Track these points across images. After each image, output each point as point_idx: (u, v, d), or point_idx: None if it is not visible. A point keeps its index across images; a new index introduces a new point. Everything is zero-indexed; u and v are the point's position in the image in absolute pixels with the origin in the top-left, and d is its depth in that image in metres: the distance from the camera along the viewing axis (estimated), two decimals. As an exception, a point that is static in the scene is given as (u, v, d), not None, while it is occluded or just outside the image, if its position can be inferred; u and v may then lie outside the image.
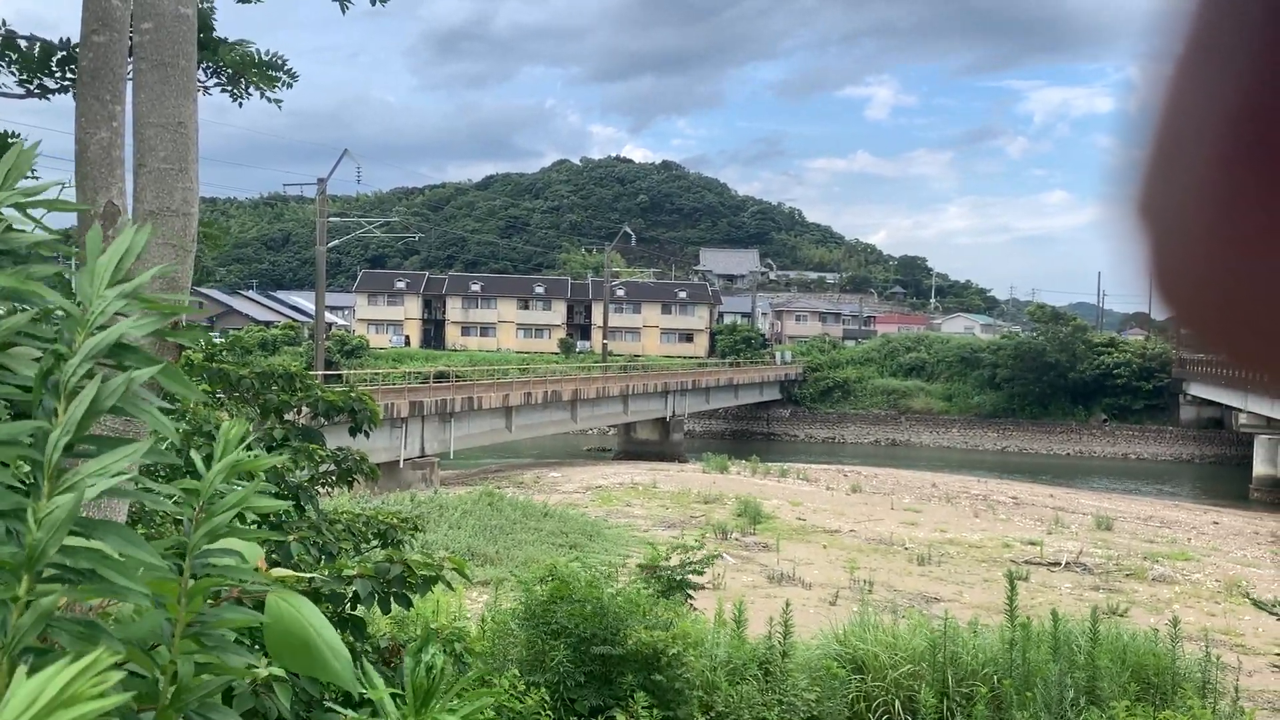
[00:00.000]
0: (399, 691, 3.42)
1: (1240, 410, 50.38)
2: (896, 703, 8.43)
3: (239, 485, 1.90)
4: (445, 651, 4.37)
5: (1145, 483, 49.79)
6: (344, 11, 5.84)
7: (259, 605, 1.94)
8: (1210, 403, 59.46)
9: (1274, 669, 13.49)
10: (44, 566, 1.47)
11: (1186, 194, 0.39)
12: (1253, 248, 0.37)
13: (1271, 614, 7.57)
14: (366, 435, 5.67)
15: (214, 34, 5.68)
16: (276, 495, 4.54)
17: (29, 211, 1.86)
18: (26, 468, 1.68)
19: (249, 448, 2.09)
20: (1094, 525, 28.49)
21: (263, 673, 2.48)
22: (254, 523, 2.33)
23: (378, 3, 6.00)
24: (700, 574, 10.35)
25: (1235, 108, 0.36)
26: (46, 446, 1.51)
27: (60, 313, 1.75)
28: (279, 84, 5.84)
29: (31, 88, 5.50)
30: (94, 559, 1.50)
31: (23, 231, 1.70)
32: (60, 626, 1.49)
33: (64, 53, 5.49)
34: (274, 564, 3.16)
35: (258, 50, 5.76)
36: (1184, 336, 0.42)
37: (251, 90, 5.81)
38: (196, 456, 1.86)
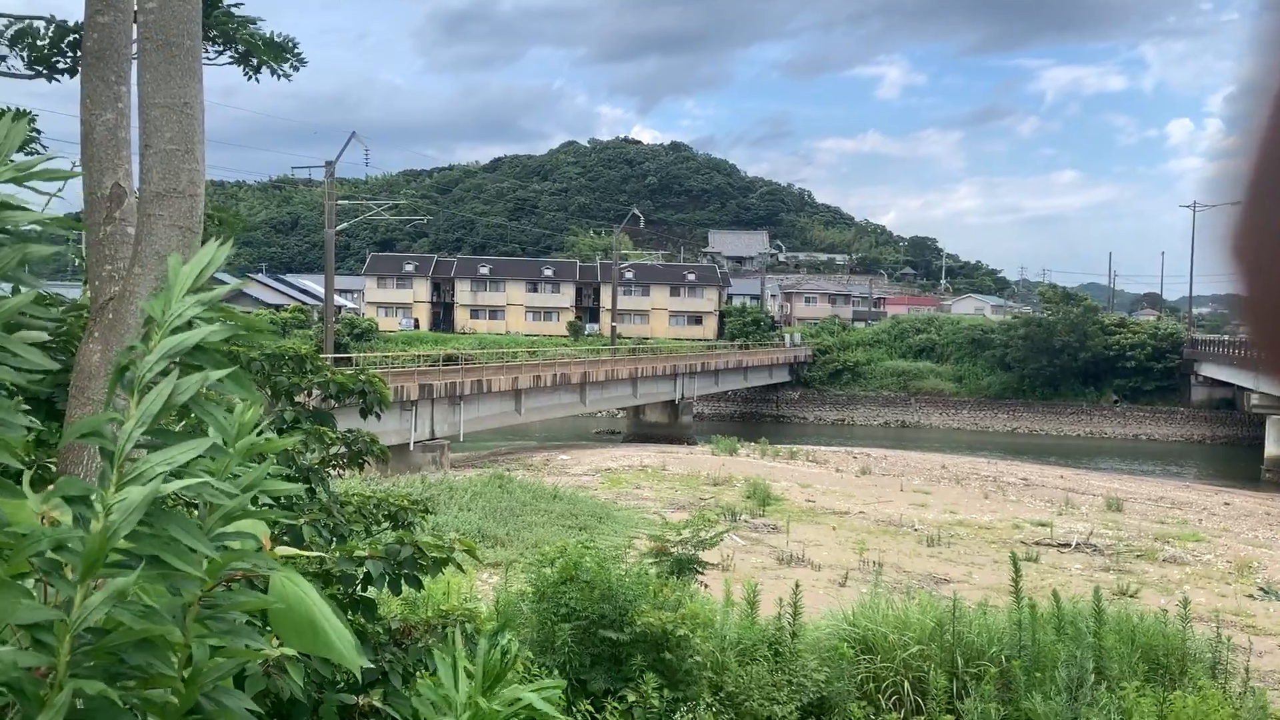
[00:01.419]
0: (412, 671, 3.42)
1: (1252, 391, 50.16)
2: (906, 683, 8.44)
3: (251, 467, 1.91)
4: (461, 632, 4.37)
5: (1156, 464, 49.67)
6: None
7: (264, 585, 1.95)
8: (1222, 383, 59.18)
9: (1285, 650, 13.45)
10: (110, 551, 1.52)
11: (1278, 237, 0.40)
12: None
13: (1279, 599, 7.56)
14: (377, 417, 5.67)
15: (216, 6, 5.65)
16: (288, 478, 4.55)
17: (37, 189, 1.87)
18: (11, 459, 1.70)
19: (260, 431, 2.10)
20: (1104, 506, 28.44)
21: (275, 653, 2.48)
22: (265, 505, 2.35)
23: None
24: (713, 545, 10.37)
25: None
26: (120, 437, 1.58)
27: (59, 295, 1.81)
28: (287, 63, 5.82)
29: (40, 69, 5.49)
30: (158, 545, 1.56)
31: (23, 209, 1.73)
32: (124, 607, 1.54)
33: (76, 35, 5.47)
34: (283, 544, 3.16)
35: (272, 32, 5.74)
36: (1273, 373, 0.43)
37: (263, 69, 5.80)
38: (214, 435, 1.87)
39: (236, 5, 5.77)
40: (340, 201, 47.56)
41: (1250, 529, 26.68)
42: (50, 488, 1.67)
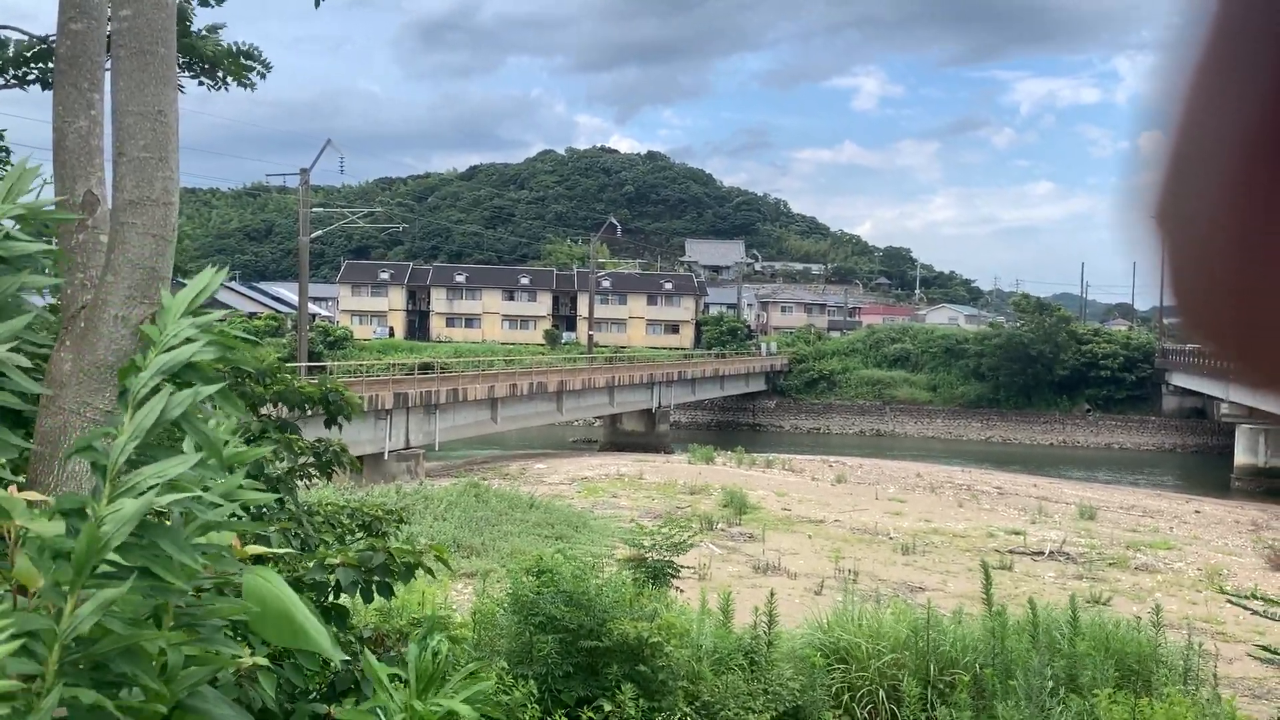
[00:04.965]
0: (400, 672, 3.42)
1: (1222, 400, 50.74)
2: (880, 692, 8.47)
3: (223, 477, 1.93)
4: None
5: (1128, 472, 50.14)
6: (317, 6, 5.82)
7: (235, 590, 1.98)
8: (1192, 393, 59.87)
9: (1253, 656, 13.58)
10: (100, 561, 1.55)
11: (1203, 203, 0.40)
12: (1270, 257, 0.37)
13: (1244, 608, 7.65)
14: (340, 427, 5.63)
15: (190, 26, 5.65)
16: (256, 489, 4.53)
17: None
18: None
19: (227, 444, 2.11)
20: (1077, 515, 28.67)
21: (247, 662, 2.47)
22: (235, 516, 2.36)
23: None
24: (684, 550, 10.36)
25: (1256, 116, 0.37)
26: (113, 451, 1.63)
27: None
28: (253, 72, 5.82)
29: (8, 78, 5.45)
30: (147, 556, 1.60)
31: (21, 240, 1.83)
32: (114, 616, 1.56)
33: (42, 45, 5.45)
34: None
35: (234, 43, 5.74)
36: (1200, 345, 0.43)
37: (228, 81, 5.80)
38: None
39: (216, 30, 5.79)
40: (315, 209, 47.35)
41: (1220, 536, 26.98)
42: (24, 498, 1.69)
